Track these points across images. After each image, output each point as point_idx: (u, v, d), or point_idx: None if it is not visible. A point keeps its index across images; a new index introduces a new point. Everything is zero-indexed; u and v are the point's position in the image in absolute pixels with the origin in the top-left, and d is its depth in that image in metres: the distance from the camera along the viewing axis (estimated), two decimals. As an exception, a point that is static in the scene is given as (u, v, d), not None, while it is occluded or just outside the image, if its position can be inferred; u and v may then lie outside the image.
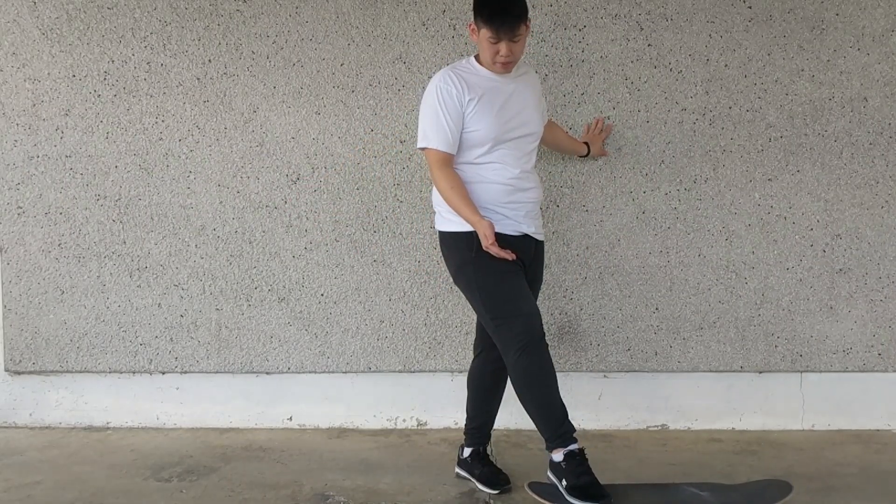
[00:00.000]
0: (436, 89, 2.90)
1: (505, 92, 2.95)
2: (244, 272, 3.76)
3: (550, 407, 2.86)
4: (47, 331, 3.82)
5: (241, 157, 3.74)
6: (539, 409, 2.87)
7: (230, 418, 3.83)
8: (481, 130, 2.90)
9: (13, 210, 3.80)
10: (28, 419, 3.89)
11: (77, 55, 3.75)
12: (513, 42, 2.84)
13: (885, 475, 3.19)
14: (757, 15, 3.64)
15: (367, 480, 3.16)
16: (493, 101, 2.92)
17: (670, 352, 3.72)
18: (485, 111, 2.89)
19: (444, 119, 2.88)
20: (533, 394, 2.86)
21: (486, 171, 2.94)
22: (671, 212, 3.68)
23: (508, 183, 2.94)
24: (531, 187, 3.02)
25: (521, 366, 2.84)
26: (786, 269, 3.69)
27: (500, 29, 2.81)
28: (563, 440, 2.85)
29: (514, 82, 2.99)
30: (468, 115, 2.89)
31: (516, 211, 2.96)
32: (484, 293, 2.89)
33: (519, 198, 2.97)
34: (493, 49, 2.86)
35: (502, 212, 2.94)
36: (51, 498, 3.02)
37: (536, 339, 2.86)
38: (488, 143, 2.91)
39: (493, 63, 2.90)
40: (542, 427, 2.87)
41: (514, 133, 2.95)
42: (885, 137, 3.65)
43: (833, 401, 3.72)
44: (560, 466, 2.83)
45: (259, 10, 3.70)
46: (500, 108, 2.92)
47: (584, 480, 2.79)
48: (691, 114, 3.67)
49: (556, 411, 2.86)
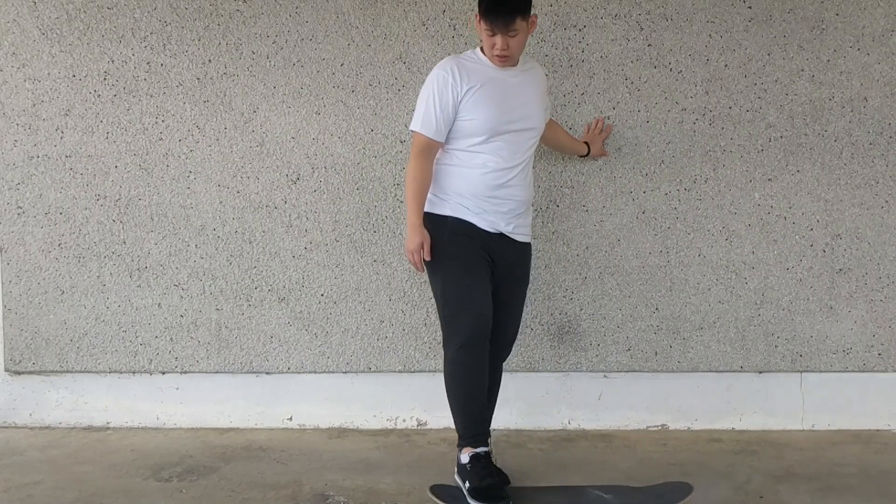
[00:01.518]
0: (434, 76, 2.95)
1: (507, 84, 2.96)
2: (244, 272, 3.76)
3: (472, 407, 2.93)
4: (47, 331, 3.82)
5: (241, 157, 3.74)
6: (462, 405, 2.93)
7: (230, 418, 3.83)
8: (478, 120, 2.91)
9: (13, 210, 3.80)
10: (28, 419, 3.89)
11: (77, 55, 3.75)
12: (509, 36, 2.86)
13: (885, 475, 3.19)
14: (757, 15, 3.63)
15: (367, 480, 3.16)
16: (494, 91, 2.93)
17: (670, 352, 3.72)
18: (483, 101, 2.91)
19: (434, 107, 2.91)
20: (463, 390, 2.92)
21: (476, 160, 2.95)
22: (671, 212, 3.68)
23: (495, 176, 2.94)
24: (519, 185, 3.01)
25: (459, 360, 2.90)
26: (786, 269, 3.69)
27: (494, 22, 2.84)
28: (474, 440, 2.90)
29: (519, 75, 3.01)
30: (465, 104, 2.90)
31: (497, 207, 2.96)
32: (445, 279, 2.93)
33: (503, 194, 2.96)
34: (490, 41, 2.89)
35: (482, 205, 2.95)
36: (51, 498, 3.02)
37: (479, 338, 2.90)
38: (485, 134, 2.92)
39: (490, 56, 2.94)
40: (460, 424, 2.94)
41: (513, 126, 2.96)
42: (885, 137, 3.65)
43: (833, 401, 3.72)
44: (465, 468, 2.89)
45: (259, 10, 3.70)
46: (500, 100, 2.93)
47: (486, 483, 2.83)
48: (691, 114, 3.67)
49: (477, 411, 2.93)
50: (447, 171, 2.99)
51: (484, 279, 2.96)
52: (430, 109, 2.92)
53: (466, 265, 2.93)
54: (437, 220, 2.97)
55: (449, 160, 2.99)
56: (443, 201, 2.98)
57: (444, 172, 3.00)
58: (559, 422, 3.76)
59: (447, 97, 2.91)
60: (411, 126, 2.99)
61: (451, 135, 2.97)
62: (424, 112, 2.94)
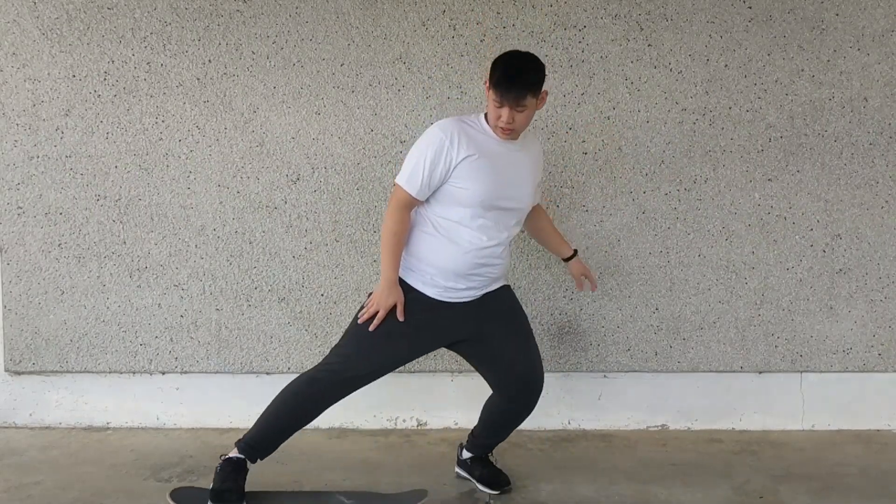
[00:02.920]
0: (432, 136, 2.83)
1: (505, 159, 2.86)
2: (244, 272, 3.76)
3: (279, 433, 2.93)
4: (47, 331, 3.82)
5: (241, 157, 3.74)
6: (271, 423, 2.93)
7: (230, 418, 3.83)
8: (470, 190, 2.80)
9: (13, 210, 3.80)
10: (28, 419, 3.89)
11: (77, 55, 3.75)
12: (517, 111, 2.76)
13: (885, 475, 3.19)
14: (757, 15, 3.64)
15: (367, 480, 3.16)
16: (492, 164, 2.82)
17: (670, 352, 3.72)
18: (480, 172, 2.80)
19: (423, 167, 2.80)
20: (286, 413, 2.92)
21: (462, 236, 2.85)
22: (671, 212, 3.68)
23: (479, 255, 2.86)
24: (499, 261, 2.92)
25: (303, 391, 2.91)
26: (786, 269, 3.69)
27: (504, 95, 2.74)
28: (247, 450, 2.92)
29: (518, 152, 2.90)
30: (459, 170, 2.79)
31: (476, 280, 2.89)
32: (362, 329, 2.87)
33: (482, 271, 2.89)
34: (497, 112, 2.78)
35: (462, 283, 2.87)
36: (51, 498, 3.02)
37: (334, 386, 2.89)
38: (475, 206, 2.82)
39: (494, 127, 2.83)
40: (254, 431, 2.94)
41: (503, 203, 2.86)
42: (885, 137, 3.65)
43: (833, 401, 3.72)
44: (216, 469, 2.91)
45: (259, 10, 3.70)
46: (496, 174, 2.82)
47: (225, 486, 2.86)
48: (691, 114, 3.67)
49: (275, 434, 2.93)
50: (429, 240, 2.87)
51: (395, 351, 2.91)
52: (418, 168, 2.80)
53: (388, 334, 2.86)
54: (403, 286, 2.88)
55: (433, 228, 2.87)
56: (414, 273, 2.89)
57: (425, 241, 2.88)
58: (559, 422, 3.77)
59: (439, 163, 2.79)
60: (397, 179, 2.87)
61: (439, 198, 2.86)
62: (412, 169, 2.82)
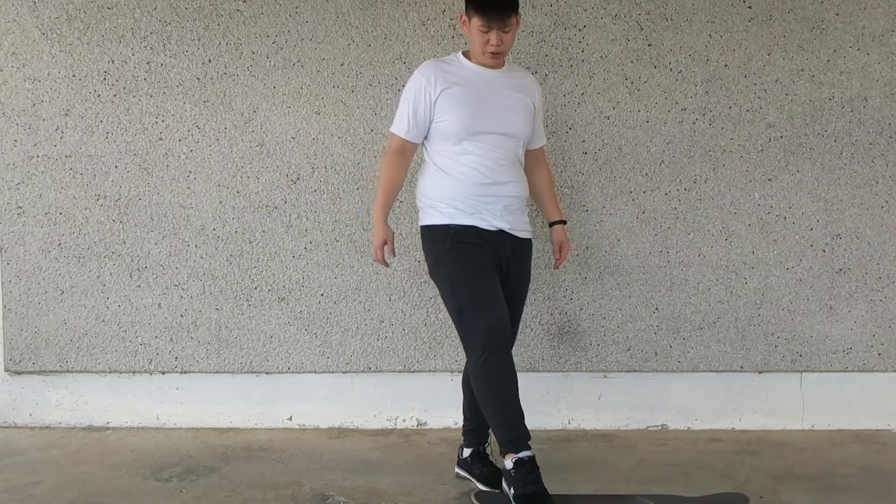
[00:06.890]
0: (412, 79, 2.95)
1: (488, 86, 2.93)
2: (244, 272, 3.76)
3: (508, 413, 2.84)
4: (47, 331, 3.82)
5: (241, 157, 3.74)
6: (496, 414, 2.85)
7: (230, 418, 3.83)
8: (450, 121, 2.89)
9: (13, 210, 3.80)
10: (28, 419, 3.89)
11: (77, 55, 3.75)
12: (503, 32, 2.85)
13: (885, 475, 3.19)
14: (757, 15, 3.64)
15: (367, 480, 3.16)
16: (470, 93, 2.90)
17: (670, 352, 3.72)
18: (456, 102, 2.89)
19: (408, 108, 2.93)
20: (492, 400, 2.84)
21: (462, 161, 2.92)
22: (671, 212, 3.68)
23: (483, 175, 2.91)
24: (510, 181, 2.96)
25: (485, 372, 2.82)
26: (786, 269, 3.69)
27: (491, 17, 2.82)
28: (514, 446, 2.82)
29: (505, 79, 2.97)
30: (439, 105, 2.90)
31: (492, 205, 2.93)
32: (454, 287, 2.88)
33: (495, 191, 2.93)
34: (484, 38, 2.86)
35: (475, 205, 2.91)
36: (51, 498, 3.02)
37: (500, 344, 2.83)
38: (460, 135, 2.90)
39: (482, 53, 2.90)
40: (497, 432, 2.87)
41: (490, 128, 2.91)
42: (885, 137, 3.65)
43: (833, 401, 3.72)
44: (510, 474, 2.81)
45: (259, 10, 3.70)
46: (476, 101, 2.90)
47: (531, 489, 2.76)
48: (691, 114, 3.67)
49: (512, 417, 2.85)
50: (435, 175, 2.95)
51: (493, 280, 2.90)
52: (403, 111, 2.94)
53: (471, 272, 2.88)
54: (438, 231, 2.92)
55: (436, 163, 2.95)
56: (439, 212, 2.93)
57: (433, 177, 2.96)
58: (559, 422, 3.77)
59: (420, 100, 2.91)
60: (391, 128, 2.99)
61: (432, 136, 2.95)
62: (399, 114, 2.96)
